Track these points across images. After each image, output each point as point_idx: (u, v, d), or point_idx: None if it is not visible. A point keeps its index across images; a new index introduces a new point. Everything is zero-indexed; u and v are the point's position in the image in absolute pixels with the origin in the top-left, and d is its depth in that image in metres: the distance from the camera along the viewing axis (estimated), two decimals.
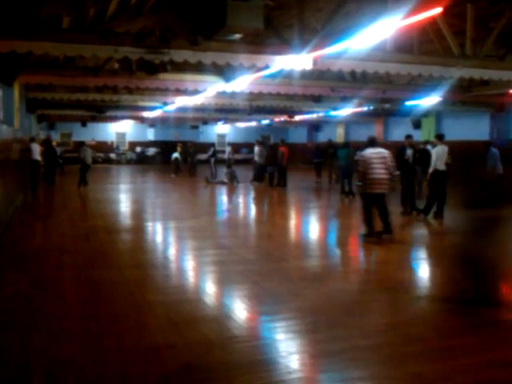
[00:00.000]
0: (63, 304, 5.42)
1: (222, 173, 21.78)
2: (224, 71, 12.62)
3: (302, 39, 8.58)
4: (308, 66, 9.35)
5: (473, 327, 4.83)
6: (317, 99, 18.95)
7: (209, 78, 13.21)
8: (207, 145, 30.71)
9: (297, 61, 9.05)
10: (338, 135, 33.97)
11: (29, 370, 3.88)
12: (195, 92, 15.82)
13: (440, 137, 11.69)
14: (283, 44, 8.93)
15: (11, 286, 6.08)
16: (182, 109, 22.84)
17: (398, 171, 12.33)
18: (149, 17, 10.64)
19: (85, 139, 32.45)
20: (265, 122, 33.42)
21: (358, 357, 4.11)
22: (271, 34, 9.51)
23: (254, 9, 6.86)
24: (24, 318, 4.99)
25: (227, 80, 12.89)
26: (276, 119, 30.98)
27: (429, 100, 17.34)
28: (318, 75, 13.86)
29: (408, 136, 12.65)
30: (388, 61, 9.63)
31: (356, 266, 7.95)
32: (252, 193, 18.83)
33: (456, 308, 5.42)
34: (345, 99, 19.05)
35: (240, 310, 5.34)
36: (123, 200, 16.64)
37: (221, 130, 40.56)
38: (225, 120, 33.12)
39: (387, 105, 20.56)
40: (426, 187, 12.00)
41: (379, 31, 7.36)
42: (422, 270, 7.67)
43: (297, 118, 28.50)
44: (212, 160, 23.07)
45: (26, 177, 15.93)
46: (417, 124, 23.65)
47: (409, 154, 12.03)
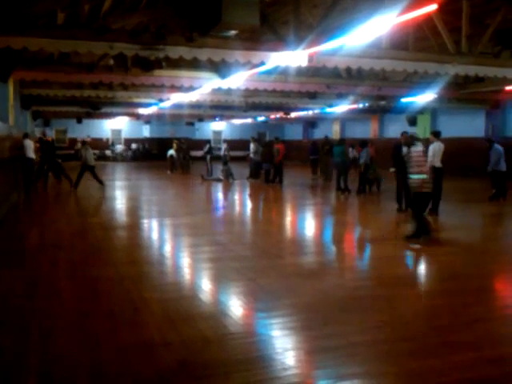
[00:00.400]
0: (58, 301, 5.41)
1: (218, 170, 21.77)
2: (219, 68, 12.60)
3: (298, 36, 8.57)
4: (304, 63, 9.33)
5: (469, 324, 4.85)
6: (312, 96, 18.95)
7: (204, 75, 13.20)
8: (203, 142, 30.69)
9: (292, 57, 9.04)
10: (334, 132, 34.00)
11: (22, 368, 3.87)
12: (191, 89, 15.79)
13: (436, 134, 11.70)
14: (279, 40, 8.92)
15: (5, 283, 6.06)
16: (178, 105, 22.82)
17: (394, 168, 12.37)
18: (144, 13, 10.60)
19: (80, 136, 32.69)
20: (260, 119, 33.42)
21: (354, 353, 4.12)
22: (267, 31, 9.50)
23: (250, 5, 6.84)
24: (18, 315, 4.98)
25: (223, 76, 12.88)
26: (272, 116, 30.98)
27: (424, 97, 17.38)
28: (314, 72, 13.86)
29: (404, 133, 12.65)
30: (383, 58, 9.63)
31: (351, 263, 7.96)
32: (248, 190, 18.83)
33: (451, 303, 5.45)
34: (340, 96, 19.07)
35: (236, 307, 5.34)
36: (118, 197, 16.61)
37: (216, 127, 40.54)
38: (220, 117, 33.11)
39: (383, 102, 20.57)
40: None
41: (375, 28, 7.36)
42: (418, 266, 7.69)
43: (292, 115, 28.51)
44: (208, 157, 23.07)
45: (20, 175, 15.80)
46: (412, 121, 23.69)
47: (405, 151, 12.02)
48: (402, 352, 4.14)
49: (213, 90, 15.90)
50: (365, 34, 7.63)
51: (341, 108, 23.33)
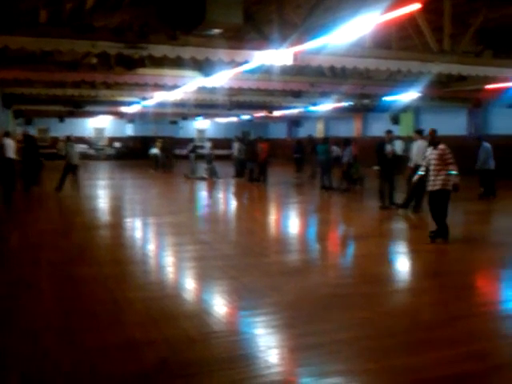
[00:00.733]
0: (41, 301, 5.36)
1: (202, 168, 21.72)
2: (203, 66, 12.56)
3: (282, 35, 8.57)
4: (288, 62, 9.34)
5: (450, 320, 4.90)
6: (296, 94, 18.96)
7: (188, 73, 13.14)
8: (187, 140, 30.58)
9: (276, 56, 9.04)
10: (318, 131, 34.09)
11: (4, 368, 3.83)
12: (174, 87, 15.73)
13: (419, 132, 11.79)
14: (263, 39, 8.91)
15: None
16: (161, 104, 22.69)
17: (378, 166, 12.46)
18: (127, 11, 10.52)
19: (62, 135, 32.35)
20: (245, 118, 33.39)
21: (337, 350, 4.14)
22: (251, 30, 9.48)
23: (234, 4, 6.82)
24: (0, 315, 4.93)
25: (206, 75, 12.83)
26: (256, 115, 30.96)
27: (407, 95, 17.48)
28: (298, 71, 13.86)
29: (388, 131, 12.76)
30: (367, 56, 9.66)
31: (335, 260, 8.01)
32: (232, 188, 18.82)
33: (432, 300, 5.50)
34: (324, 95, 19.11)
35: (219, 306, 5.34)
36: (102, 196, 16.50)
37: (201, 126, 40.43)
38: (205, 115, 33.00)
39: (366, 100, 20.65)
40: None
41: (358, 27, 7.38)
42: (400, 264, 7.75)
43: (277, 114, 28.51)
44: (192, 155, 22.99)
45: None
46: (395, 119, 23.85)
47: (388, 149, 12.12)
48: (384, 349, 4.18)
49: (197, 89, 15.83)
50: (348, 33, 7.65)
51: (325, 107, 23.39)
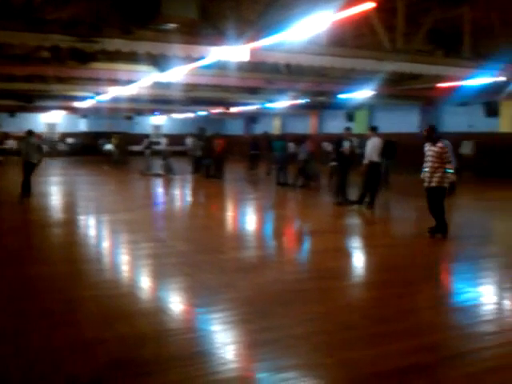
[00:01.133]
0: None
1: (158, 165, 21.49)
2: (158, 61, 12.42)
3: (238, 31, 8.56)
4: (244, 58, 9.34)
5: (403, 313, 5.00)
6: (253, 91, 19.02)
7: (143, 68, 12.99)
8: (142, 136, 30.21)
9: (232, 52, 9.03)
10: (275, 127, 34.26)
11: None
12: (129, 82, 15.51)
13: (373, 129, 11.96)
14: (219, 35, 8.89)
15: None
16: (116, 99, 22.33)
17: (335, 162, 12.62)
18: (80, 4, 10.30)
19: (14, 130, 31.49)
20: (201, 114, 33.21)
21: (292, 345, 4.16)
22: (206, 25, 9.43)
23: None
24: None
25: (162, 70, 12.70)
26: (213, 111, 30.85)
27: (362, 93, 17.77)
28: (254, 67, 13.89)
29: (347, 128, 12.94)
30: (322, 54, 9.76)
31: (291, 256, 8.06)
32: (188, 185, 18.70)
33: (387, 294, 5.60)
34: (280, 92, 19.21)
35: (174, 303, 5.30)
36: (54, 193, 16.12)
37: (156, 121, 40.00)
38: (160, 111, 32.68)
39: (322, 98, 20.87)
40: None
41: (314, 24, 7.44)
42: (356, 259, 7.87)
43: (233, 110, 28.50)
44: (147, 152, 22.70)
45: None
46: (350, 117, 24.21)
47: (345, 146, 12.26)
48: (339, 343, 4.23)
49: (152, 84, 15.66)
50: (304, 31, 7.71)
51: (281, 103, 23.51)
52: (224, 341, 4.31)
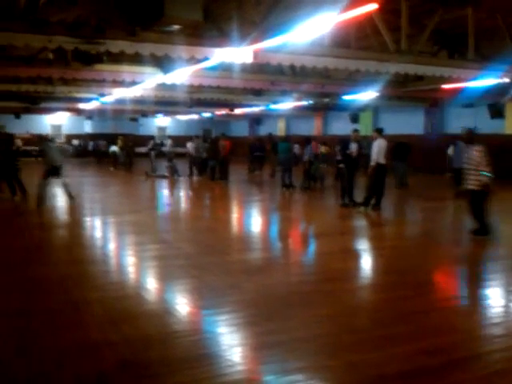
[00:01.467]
0: None
1: (163, 166, 21.52)
2: (163, 63, 12.43)
3: (242, 32, 8.56)
4: (248, 59, 9.34)
5: (408, 316, 4.98)
6: (257, 93, 18.98)
7: (147, 70, 12.99)
8: (147, 138, 30.25)
9: (236, 54, 9.03)
10: (279, 129, 34.25)
11: None
12: (133, 84, 15.51)
13: (379, 131, 11.90)
14: (223, 36, 8.88)
15: None
16: (120, 101, 22.36)
17: (342, 164, 12.60)
18: (84, 6, 10.32)
19: (19, 132, 31.58)
20: (206, 115, 33.23)
21: (298, 347, 4.16)
22: (211, 27, 9.43)
23: (193, 0, 6.77)
24: None
25: (166, 72, 12.71)
26: (217, 112, 30.86)
27: (366, 95, 17.73)
28: (258, 69, 13.88)
29: (355, 130, 12.91)
30: (326, 55, 9.74)
31: (297, 258, 8.04)
32: (193, 186, 18.71)
33: (393, 297, 5.59)
34: (285, 93, 19.20)
35: (181, 305, 5.30)
36: (60, 194, 16.13)
37: (161, 123, 40.06)
38: (165, 113, 32.70)
39: (326, 99, 20.85)
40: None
41: (317, 26, 7.43)
42: (362, 261, 7.85)
43: (238, 112, 28.49)
44: (152, 153, 22.74)
45: None
46: (355, 118, 24.16)
47: (352, 148, 12.24)
48: (344, 345, 4.22)
49: (156, 86, 15.67)
50: (308, 32, 7.70)
51: (285, 105, 23.50)
52: (230, 343, 4.31)
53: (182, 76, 13.04)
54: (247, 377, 3.76)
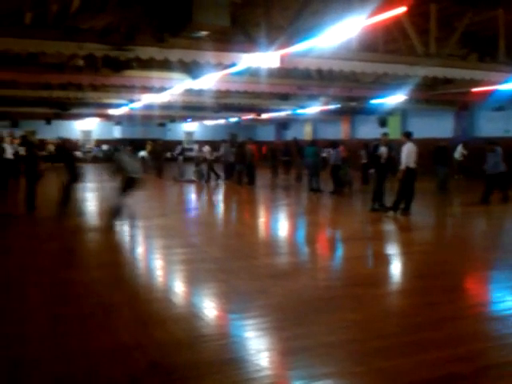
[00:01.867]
0: (27, 305, 5.30)
1: (191, 171, 21.67)
2: (191, 68, 12.56)
3: (269, 37, 8.60)
4: (274, 64, 9.37)
5: (438, 322, 4.92)
6: (284, 97, 19.02)
7: (175, 76, 13.13)
8: (175, 142, 30.53)
9: (263, 59, 9.06)
10: (306, 133, 34.18)
11: None
12: (162, 89, 15.70)
13: (408, 134, 11.76)
14: (250, 42, 8.94)
15: None
16: (149, 106, 22.64)
17: (373, 168, 12.49)
18: (113, 13, 10.50)
19: (50, 137, 32.19)
20: (233, 120, 33.37)
21: (326, 353, 4.15)
22: (238, 32, 9.50)
23: (220, 7, 6.84)
24: None
25: (194, 77, 12.84)
26: (244, 117, 30.97)
27: (394, 98, 17.60)
28: (285, 73, 13.91)
29: (385, 134, 12.81)
30: (354, 59, 9.71)
31: (324, 263, 8.01)
32: (221, 191, 18.79)
33: (422, 302, 5.53)
34: (312, 97, 19.18)
35: (208, 309, 5.33)
36: (88, 199, 16.38)
37: (188, 128, 40.37)
38: (192, 118, 32.95)
39: (354, 103, 20.75)
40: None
41: (345, 30, 7.42)
42: (390, 265, 7.78)
43: (264, 116, 28.54)
44: (180, 158, 22.91)
45: None
46: (383, 122, 23.97)
47: (382, 151, 12.14)
48: (373, 351, 4.19)
49: (184, 91, 15.83)
50: (335, 36, 7.69)
51: (312, 109, 23.46)
52: (258, 347, 4.31)
53: (210, 81, 13.15)
54: (274, 381, 3.77)
